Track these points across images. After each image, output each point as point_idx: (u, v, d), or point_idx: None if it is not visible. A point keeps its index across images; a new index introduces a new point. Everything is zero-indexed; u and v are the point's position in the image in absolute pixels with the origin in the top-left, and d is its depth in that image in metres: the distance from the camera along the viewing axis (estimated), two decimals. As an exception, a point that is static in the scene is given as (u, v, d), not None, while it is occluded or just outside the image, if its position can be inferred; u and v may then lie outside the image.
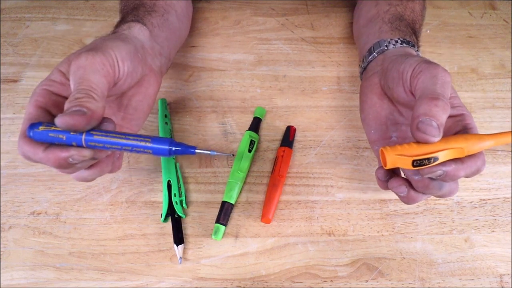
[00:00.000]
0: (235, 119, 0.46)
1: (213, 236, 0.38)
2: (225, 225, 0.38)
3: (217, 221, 0.38)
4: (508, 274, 0.37)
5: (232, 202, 0.39)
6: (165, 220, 0.39)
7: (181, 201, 0.39)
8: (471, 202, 0.41)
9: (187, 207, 0.40)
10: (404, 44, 0.39)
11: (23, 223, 0.39)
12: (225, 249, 0.38)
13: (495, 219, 0.40)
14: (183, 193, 0.40)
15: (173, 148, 0.30)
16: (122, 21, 0.39)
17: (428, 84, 0.30)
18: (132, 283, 0.36)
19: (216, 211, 0.39)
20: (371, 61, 0.40)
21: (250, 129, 0.44)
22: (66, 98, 0.29)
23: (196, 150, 0.31)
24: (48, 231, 0.38)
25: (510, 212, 0.41)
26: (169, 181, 0.40)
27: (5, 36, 0.53)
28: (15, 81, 0.48)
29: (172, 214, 0.39)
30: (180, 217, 0.39)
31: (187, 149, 0.31)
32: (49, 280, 0.36)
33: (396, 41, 0.39)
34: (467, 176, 0.30)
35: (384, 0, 0.46)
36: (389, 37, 0.40)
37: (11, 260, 0.37)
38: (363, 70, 0.42)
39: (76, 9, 0.56)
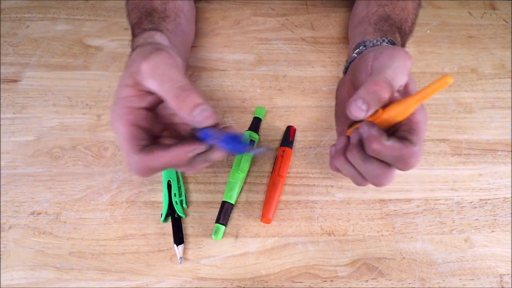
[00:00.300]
0: (235, 119, 0.46)
1: (213, 236, 0.38)
2: (225, 225, 0.38)
3: (217, 221, 0.38)
4: (508, 274, 0.37)
5: (232, 202, 0.39)
6: (165, 220, 0.39)
7: (181, 201, 0.39)
8: (471, 202, 0.41)
9: (187, 207, 0.40)
10: (384, 43, 0.39)
11: (23, 223, 0.39)
12: (225, 249, 0.38)
13: (495, 219, 0.40)
14: (183, 193, 0.40)
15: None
16: (138, 28, 0.39)
17: (382, 66, 0.30)
18: (132, 283, 0.36)
19: (216, 211, 0.39)
20: (351, 61, 0.41)
21: (250, 129, 0.44)
22: (146, 108, 0.30)
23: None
24: (48, 231, 0.38)
25: (510, 212, 0.41)
26: (169, 181, 0.40)
27: (5, 36, 0.53)
28: (15, 81, 0.48)
29: (172, 214, 0.39)
30: (180, 217, 0.39)
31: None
32: (49, 280, 0.36)
33: (377, 40, 0.40)
34: (389, 161, 0.29)
35: (375, 0, 0.46)
36: (370, 38, 0.41)
37: (11, 260, 0.37)
38: (346, 70, 0.42)
39: (76, 9, 0.56)
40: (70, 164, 0.42)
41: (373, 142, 0.28)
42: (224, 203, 0.39)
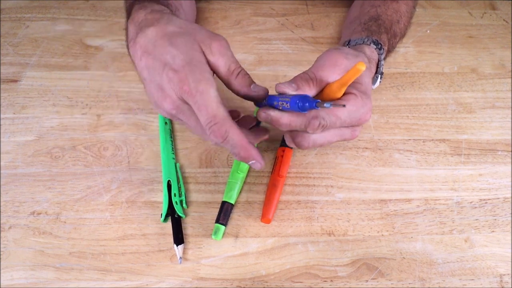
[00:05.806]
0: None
1: (213, 236, 0.38)
2: (225, 225, 0.38)
3: (217, 221, 0.38)
4: (508, 274, 0.37)
5: (232, 202, 0.39)
6: (165, 220, 0.39)
7: (181, 201, 0.39)
8: (471, 202, 0.41)
9: (187, 207, 0.40)
10: (367, 42, 0.40)
11: (23, 223, 0.39)
12: (225, 249, 0.38)
13: (495, 219, 0.40)
14: (183, 193, 0.40)
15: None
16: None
17: (317, 62, 0.35)
18: (132, 283, 0.36)
19: (216, 211, 0.39)
20: None
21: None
22: None
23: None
24: (48, 231, 0.38)
25: (510, 212, 0.41)
26: (169, 181, 0.40)
27: (5, 36, 0.53)
28: (15, 81, 0.48)
29: (172, 214, 0.39)
30: (180, 217, 0.39)
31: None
32: (49, 280, 0.36)
33: (361, 39, 0.40)
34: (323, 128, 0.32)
35: (369, 0, 0.46)
36: (357, 37, 0.41)
37: (11, 260, 0.37)
38: None
39: (76, 9, 0.56)
40: (70, 164, 0.42)
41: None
42: (224, 203, 0.39)
